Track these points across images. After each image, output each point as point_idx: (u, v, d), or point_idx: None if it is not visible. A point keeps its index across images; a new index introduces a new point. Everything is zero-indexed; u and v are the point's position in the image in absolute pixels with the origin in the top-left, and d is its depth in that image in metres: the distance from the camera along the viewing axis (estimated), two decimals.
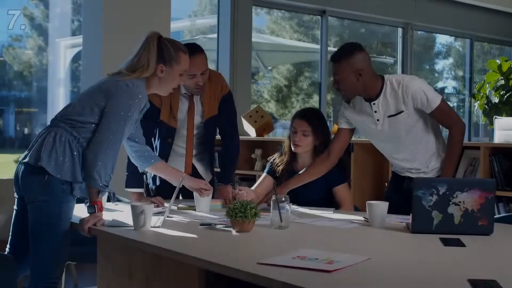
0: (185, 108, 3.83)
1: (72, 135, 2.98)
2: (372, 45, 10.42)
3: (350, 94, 3.49)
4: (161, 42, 3.14)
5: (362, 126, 3.62)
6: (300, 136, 3.76)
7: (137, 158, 3.41)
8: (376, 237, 2.81)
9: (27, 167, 2.97)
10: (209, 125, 3.90)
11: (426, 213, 2.75)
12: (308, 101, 9.74)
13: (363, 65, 3.38)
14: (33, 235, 2.94)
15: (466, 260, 2.33)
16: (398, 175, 3.66)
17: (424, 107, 3.38)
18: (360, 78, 3.38)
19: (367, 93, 3.45)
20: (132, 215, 2.80)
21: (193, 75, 3.65)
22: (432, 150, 3.50)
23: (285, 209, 2.89)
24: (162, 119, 3.78)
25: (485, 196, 2.73)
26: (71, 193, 2.98)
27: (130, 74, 3.06)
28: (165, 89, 3.22)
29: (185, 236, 2.70)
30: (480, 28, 9.73)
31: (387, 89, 3.42)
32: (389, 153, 3.63)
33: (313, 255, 2.24)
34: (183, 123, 3.84)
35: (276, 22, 9.61)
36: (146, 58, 3.09)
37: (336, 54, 3.43)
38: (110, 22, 5.70)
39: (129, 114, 2.99)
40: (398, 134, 3.47)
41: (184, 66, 3.19)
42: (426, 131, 3.48)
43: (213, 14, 8.84)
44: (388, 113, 3.44)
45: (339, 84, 3.42)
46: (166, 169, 3.54)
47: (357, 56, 3.38)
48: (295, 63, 9.93)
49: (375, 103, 3.45)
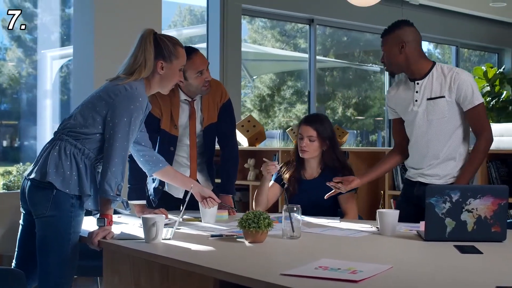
0: (185, 115, 3.80)
1: (76, 148, 2.94)
2: (355, 52, 10.47)
3: (393, 67, 3.52)
4: (158, 38, 3.08)
5: (399, 107, 3.61)
6: (306, 142, 3.76)
7: (145, 163, 3.33)
8: (390, 245, 2.79)
9: (34, 182, 2.92)
10: (208, 134, 3.87)
11: (439, 221, 2.75)
12: (290, 110, 9.76)
13: (407, 38, 3.44)
14: (41, 250, 2.89)
15: (487, 267, 2.32)
16: (410, 181, 3.62)
17: (465, 102, 3.37)
18: (402, 50, 3.43)
19: (411, 68, 3.48)
20: (144, 227, 2.76)
21: (200, 72, 3.65)
22: (454, 152, 3.45)
23: (296, 219, 2.87)
24: (163, 128, 3.74)
25: (498, 202, 2.73)
26: (79, 207, 2.93)
27: (128, 77, 2.99)
28: (167, 86, 3.15)
29: (199, 248, 2.66)
30: (466, 35, 9.80)
31: (435, 73, 3.44)
32: (415, 141, 3.56)
33: (335, 265, 2.22)
34: (184, 131, 3.81)
35: (257, 31, 9.62)
36: (143, 56, 3.02)
37: (386, 29, 3.52)
38: (101, 32, 5.66)
39: (132, 119, 2.93)
40: (430, 119, 3.44)
41: (183, 60, 3.14)
42: (456, 131, 3.44)
43: (193, 24, 8.83)
44: (428, 96, 3.44)
45: (385, 57, 3.51)
46: (176, 174, 3.47)
47: (403, 30, 3.46)
48: (277, 72, 9.94)
49: (419, 83, 3.47)
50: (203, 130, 3.84)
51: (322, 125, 3.79)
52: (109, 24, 5.70)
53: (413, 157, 3.61)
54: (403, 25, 3.48)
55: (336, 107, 10.05)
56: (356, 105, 10.36)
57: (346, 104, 10.20)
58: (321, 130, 3.77)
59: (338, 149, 3.82)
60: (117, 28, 5.70)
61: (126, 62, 3.07)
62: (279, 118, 9.86)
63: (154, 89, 3.13)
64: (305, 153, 3.77)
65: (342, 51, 10.37)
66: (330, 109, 9.77)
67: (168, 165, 3.42)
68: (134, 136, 3.03)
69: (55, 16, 7.62)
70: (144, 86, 3.05)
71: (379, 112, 10.44)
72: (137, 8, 5.83)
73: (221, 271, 2.22)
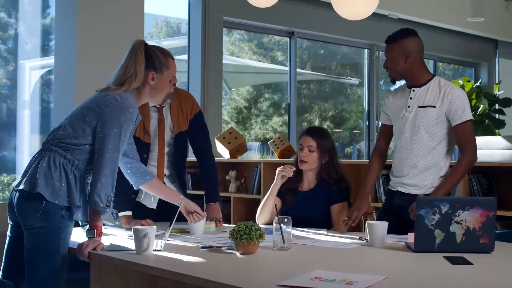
0: (155, 121, 3.81)
1: (66, 159, 2.92)
2: (331, 65, 10.52)
3: (395, 74, 3.60)
4: (149, 49, 3.07)
5: (392, 112, 3.70)
6: (306, 152, 3.78)
7: (132, 175, 3.31)
8: (381, 257, 2.81)
9: (23, 193, 2.89)
10: (179, 143, 3.87)
11: (428, 232, 2.78)
12: (267, 123, 9.77)
13: (413, 49, 3.52)
14: (30, 261, 2.87)
15: (479, 278, 2.35)
16: (391, 191, 3.69)
17: (455, 117, 3.44)
18: (407, 60, 3.50)
19: (412, 78, 3.57)
20: (135, 238, 2.76)
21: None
22: (435, 164, 3.51)
23: (287, 230, 2.88)
24: (137, 135, 3.72)
25: (486, 214, 2.77)
26: (69, 218, 2.92)
27: (119, 88, 2.98)
28: (158, 97, 3.15)
29: (191, 259, 2.66)
30: (444, 50, 9.92)
31: (433, 84, 3.53)
32: (399, 147, 3.63)
33: (330, 276, 2.24)
34: (154, 139, 3.81)
35: (234, 44, 9.64)
36: (134, 67, 3.01)
37: (392, 35, 3.60)
38: (83, 43, 5.64)
39: (122, 130, 2.91)
40: (417, 126, 3.51)
41: (173, 71, 3.14)
42: (441, 143, 3.51)
43: (169, 36, 8.82)
44: (420, 103, 3.52)
45: (388, 63, 3.58)
46: (162, 187, 3.46)
47: (409, 40, 3.54)
48: (254, 85, 9.96)
49: (415, 91, 3.55)
50: (174, 138, 3.84)
51: (322, 137, 3.83)
52: (91, 35, 5.68)
53: (395, 164, 3.68)
54: (410, 34, 3.57)
55: (312, 120, 10.07)
56: (333, 117, 10.39)
57: (322, 116, 10.23)
58: (321, 142, 3.80)
59: (337, 163, 3.85)
60: (99, 39, 5.69)
61: (116, 72, 3.06)
62: (256, 131, 9.85)
63: (144, 99, 3.12)
64: (303, 164, 3.79)
65: (319, 64, 10.42)
66: (307, 122, 9.79)
67: (155, 178, 3.40)
68: (124, 147, 3.01)
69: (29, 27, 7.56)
70: (135, 96, 3.04)
71: (355, 124, 10.50)
72: (119, 19, 5.82)
73: (217, 282, 2.22)
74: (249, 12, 7.59)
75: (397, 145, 3.68)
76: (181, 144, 3.89)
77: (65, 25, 5.79)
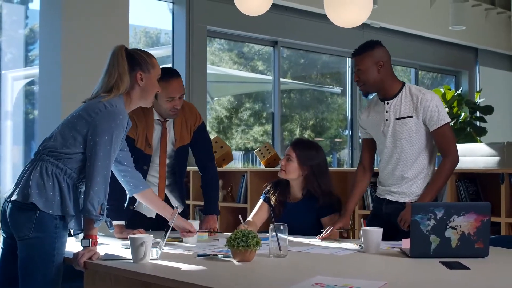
0: (157, 134, 3.81)
1: (58, 168, 2.90)
2: (312, 75, 10.56)
3: (369, 87, 3.57)
4: (130, 52, 3.05)
5: (371, 128, 3.67)
6: (284, 160, 3.78)
7: (126, 183, 3.28)
8: (377, 262, 2.82)
9: (16, 204, 2.86)
10: (180, 155, 3.88)
11: (424, 238, 2.79)
12: (248, 132, 9.78)
13: (384, 58, 3.51)
14: (24, 272, 2.84)
15: (477, 282, 2.37)
16: (379, 198, 3.69)
17: (431, 122, 3.45)
18: (380, 69, 3.49)
19: (384, 90, 3.55)
20: (131, 247, 2.74)
21: (171, 98, 3.65)
22: (420, 172, 3.53)
23: (283, 237, 2.88)
24: (139, 147, 3.73)
25: (480, 219, 2.79)
26: (63, 228, 2.89)
27: (108, 94, 2.95)
28: (148, 98, 3.10)
29: (189, 268, 2.65)
30: (425, 58, 10.00)
31: (404, 93, 3.52)
32: (384, 160, 3.63)
33: (331, 282, 2.25)
34: (155, 151, 3.81)
35: (214, 53, 9.65)
36: (117, 71, 2.97)
37: (359, 48, 3.56)
38: (68, 51, 5.61)
39: (113, 137, 2.89)
40: (399, 139, 3.51)
41: (158, 70, 3.11)
42: (423, 150, 3.52)
43: (148, 46, 8.81)
44: (397, 115, 3.51)
45: (360, 75, 3.53)
46: (154, 199, 3.41)
47: (379, 50, 3.53)
48: (235, 94, 9.97)
49: (389, 103, 3.53)
50: (175, 151, 3.85)
51: (303, 149, 3.78)
52: (76, 44, 5.66)
53: (382, 175, 3.69)
54: (377, 45, 3.56)
55: (293, 129, 10.10)
56: (314, 126, 10.43)
57: (303, 126, 10.26)
58: (301, 153, 3.76)
59: (321, 177, 3.77)
60: (84, 48, 5.67)
61: (101, 80, 3.02)
62: (237, 140, 9.85)
63: (135, 103, 3.08)
64: (281, 172, 3.79)
65: (299, 73, 10.46)
66: (287, 131, 9.81)
67: (148, 188, 3.37)
68: (116, 154, 2.99)
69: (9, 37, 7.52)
70: (124, 102, 3.02)
71: (336, 133, 10.54)
72: (104, 29, 5.81)
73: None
74: (233, 22, 7.61)
75: (381, 158, 3.68)
76: (182, 156, 3.90)
77: (49, 35, 5.76)
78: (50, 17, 5.75)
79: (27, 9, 7.49)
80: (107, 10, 5.84)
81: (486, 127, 9.13)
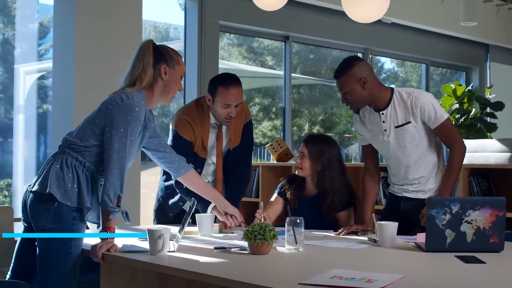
0: (213, 138, 3.84)
1: (77, 160, 2.94)
2: (322, 70, 10.55)
3: (359, 104, 3.54)
4: (158, 46, 3.08)
5: (371, 138, 3.65)
6: (298, 158, 3.80)
7: (168, 169, 3.38)
8: (393, 256, 2.85)
9: (36, 194, 2.91)
10: (230, 155, 3.92)
11: (439, 232, 2.81)
12: (257, 127, 9.78)
13: (365, 73, 3.44)
14: (42, 263, 2.88)
15: (493, 276, 2.39)
16: (395, 195, 3.70)
17: (430, 121, 3.44)
18: (365, 85, 3.43)
19: (375, 102, 3.51)
20: (149, 239, 2.77)
21: (227, 105, 3.68)
22: (433, 168, 3.55)
23: (299, 231, 2.91)
24: (196, 151, 3.77)
25: (496, 214, 2.81)
26: (81, 220, 2.93)
27: (130, 88, 2.98)
28: (169, 95, 3.11)
29: (207, 260, 2.68)
30: (436, 54, 9.98)
31: (396, 100, 3.48)
32: (393, 167, 3.64)
33: (348, 275, 2.26)
34: (210, 153, 3.86)
35: (223, 48, 9.66)
36: (142, 64, 3.00)
37: (337, 70, 3.49)
38: (81, 47, 5.64)
39: (129, 129, 2.91)
40: (403, 145, 3.50)
41: (183, 68, 3.13)
42: (430, 148, 3.53)
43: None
44: (395, 124, 3.49)
45: (347, 97, 3.48)
46: (198, 181, 3.48)
47: (357, 66, 3.45)
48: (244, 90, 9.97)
49: (384, 113, 3.50)
50: (227, 152, 3.90)
51: (314, 145, 3.78)
52: (89, 39, 5.68)
53: (395, 179, 3.70)
54: (354, 61, 3.49)
55: (302, 124, 10.10)
56: (323, 122, 10.42)
57: (312, 121, 10.26)
58: (312, 149, 3.77)
59: (334, 172, 3.77)
60: (98, 42, 5.69)
61: (126, 73, 3.05)
62: None
63: (156, 98, 3.09)
64: (298, 170, 3.81)
65: (309, 69, 10.45)
66: (296, 126, 9.81)
67: (190, 170, 3.42)
68: (135, 147, 3.01)
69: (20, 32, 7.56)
70: (145, 96, 3.03)
71: (345, 129, 10.54)
72: (117, 24, 5.83)
73: (239, 282, 2.22)
74: (245, 17, 7.61)
75: (389, 164, 3.68)
76: (231, 157, 3.92)
77: (63, 30, 5.78)
78: (64, 11, 5.77)
79: (38, 3, 7.53)
80: (121, 4, 5.86)
81: (496, 123, 9.10)
